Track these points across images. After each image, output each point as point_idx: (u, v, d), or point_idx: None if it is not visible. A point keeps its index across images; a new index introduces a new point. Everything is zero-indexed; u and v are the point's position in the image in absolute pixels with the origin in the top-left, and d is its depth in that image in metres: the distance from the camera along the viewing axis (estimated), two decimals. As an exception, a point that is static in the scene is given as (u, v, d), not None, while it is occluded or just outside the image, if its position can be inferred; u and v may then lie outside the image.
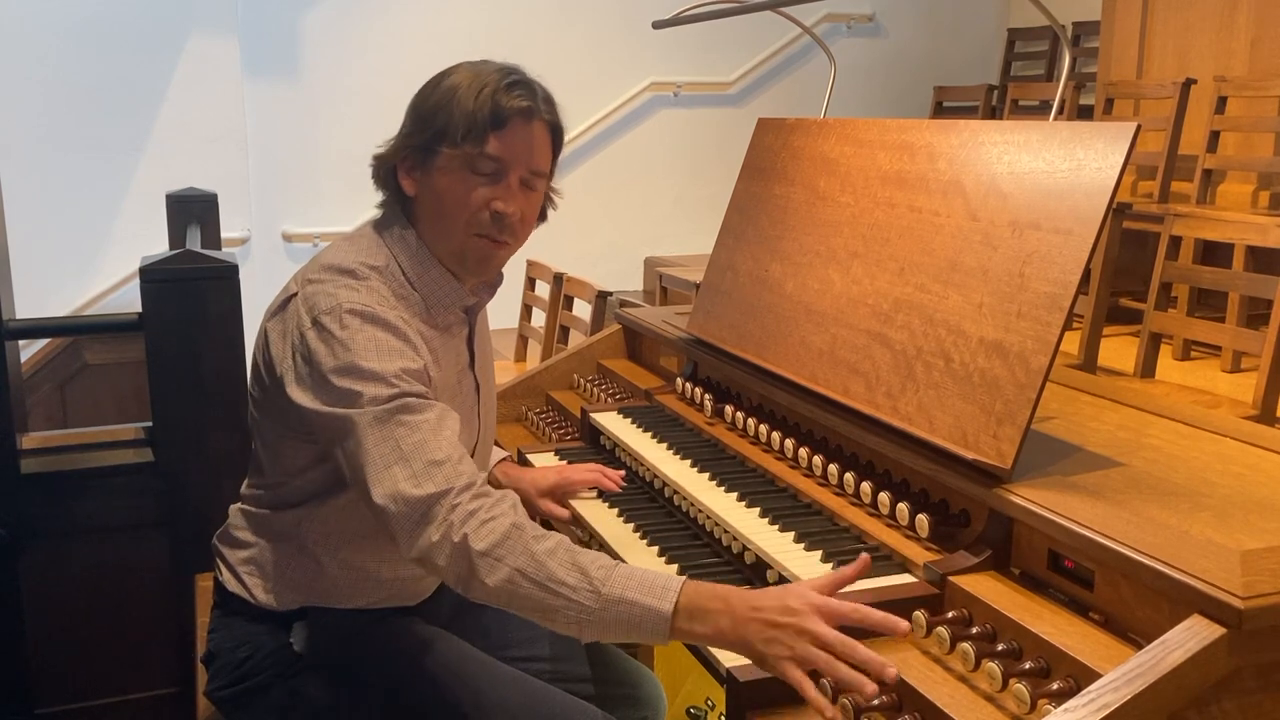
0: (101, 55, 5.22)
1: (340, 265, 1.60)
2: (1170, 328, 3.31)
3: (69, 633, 2.64)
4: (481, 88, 1.59)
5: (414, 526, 1.43)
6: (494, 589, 1.39)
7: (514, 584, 1.38)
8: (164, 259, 2.61)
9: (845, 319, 1.91)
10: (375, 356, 1.51)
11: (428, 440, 1.47)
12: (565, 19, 6.08)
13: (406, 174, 1.64)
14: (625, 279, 6.30)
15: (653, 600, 1.34)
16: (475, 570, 1.39)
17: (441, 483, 1.43)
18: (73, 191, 5.25)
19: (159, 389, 2.59)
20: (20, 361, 2.91)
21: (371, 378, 1.49)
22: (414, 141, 1.62)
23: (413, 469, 1.44)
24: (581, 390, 2.74)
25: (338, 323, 1.52)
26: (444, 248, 1.66)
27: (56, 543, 2.60)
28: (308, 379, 1.53)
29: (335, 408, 1.50)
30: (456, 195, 1.61)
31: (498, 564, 1.38)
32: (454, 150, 1.59)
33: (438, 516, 1.42)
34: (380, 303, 1.56)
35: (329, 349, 1.52)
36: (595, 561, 1.39)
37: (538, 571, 1.37)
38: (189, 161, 5.26)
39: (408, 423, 1.48)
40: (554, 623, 1.39)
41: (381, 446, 1.46)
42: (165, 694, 2.73)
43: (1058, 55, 6.51)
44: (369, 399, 1.48)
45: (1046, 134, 1.64)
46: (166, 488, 2.62)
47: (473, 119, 1.58)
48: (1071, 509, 1.39)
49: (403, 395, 1.49)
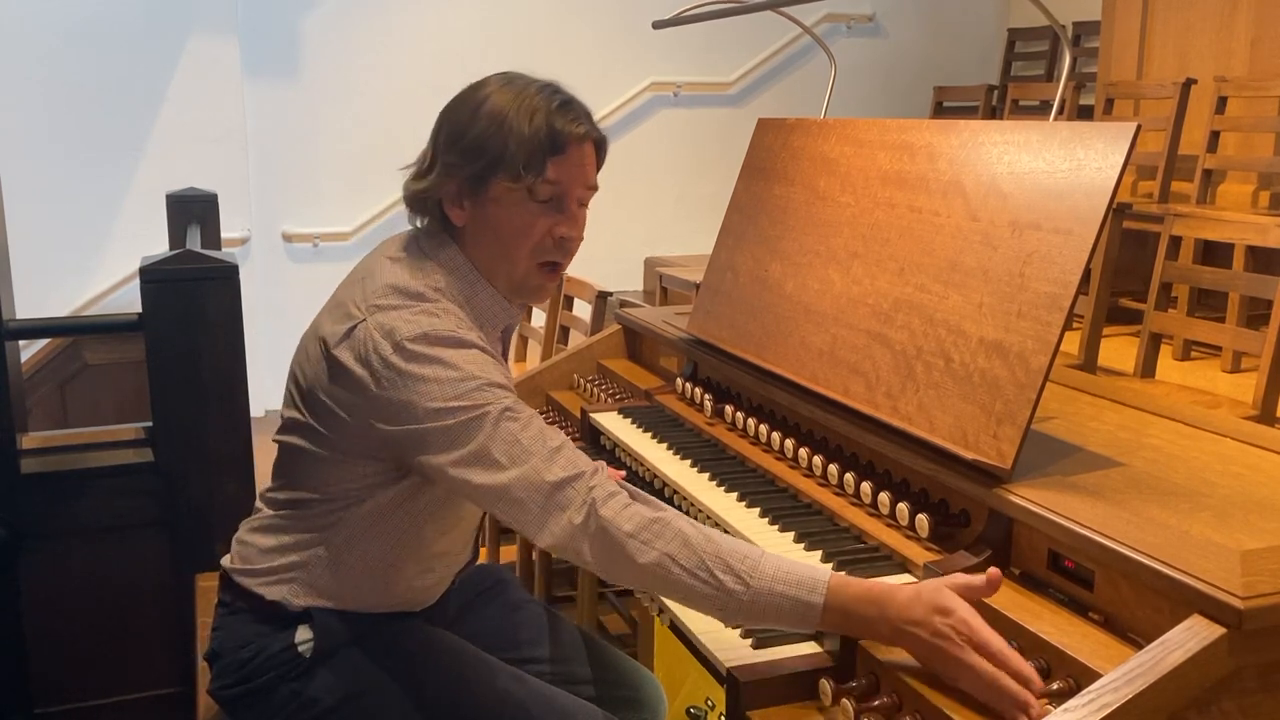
0: (101, 55, 5.22)
1: (406, 288, 1.55)
2: (1170, 328, 3.31)
3: (69, 633, 2.64)
4: (533, 113, 1.55)
5: (552, 511, 1.43)
6: (644, 569, 1.40)
7: (664, 567, 1.39)
8: (164, 259, 2.61)
9: (845, 319, 1.91)
10: (479, 367, 1.50)
11: (544, 431, 1.48)
12: (565, 19, 6.08)
13: (453, 204, 1.60)
14: (625, 279, 6.30)
15: (803, 593, 1.36)
16: (624, 549, 1.40)
17: (570, 468, 1.44)
18: (73, 191, 5.24)
19: (159, 389, 2.59)
20: (20, 361, 2.91)
21: (480, 387, 1.49)
22: (464, 173, 1.56)
23: (539, 459, 1.44)
24: (581, 390, 2.74)
25: (429, 347, 1.49)
26: (504, 277, 1.63)
27: (56, 543, 2.60)
28: (401, 402, 1.49)
29: (448, 421, 1.47)
30: (517, 226, 1.58)
31: (646, 546, 1.39)
32: (513, 183, 1.54)
33: (575, 500, 1.42)
34: (460, 326, 1.54)
35: (431, 370, 1.48)
36: (740, 550, 1.40)
37: (689, 558, 1.38)
38: (189, 161, 5.26)
39: (520, 418, 1.48)
40: (698, 606, 1.41)
41: (502, 445, 1.46)
42: (165, 694, 2.73)
43: (1058, 55, 6.51)
44: (485, 404, 1.47)
45: (1046, 134, 1.64)
46: (166, 488, 2.62)
47: (531, 148, 1.54)
48: (1071, 509, 1.39)
49: (510, 398, 1.50)
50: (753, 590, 1.37)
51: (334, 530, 1.65)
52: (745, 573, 1.37)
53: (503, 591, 1.98)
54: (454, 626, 1.89)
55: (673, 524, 1.41)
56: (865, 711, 1.31)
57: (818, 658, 1.43)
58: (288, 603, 1.67)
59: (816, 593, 1.35)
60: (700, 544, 1.39)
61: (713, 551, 1.39)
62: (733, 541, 1.42)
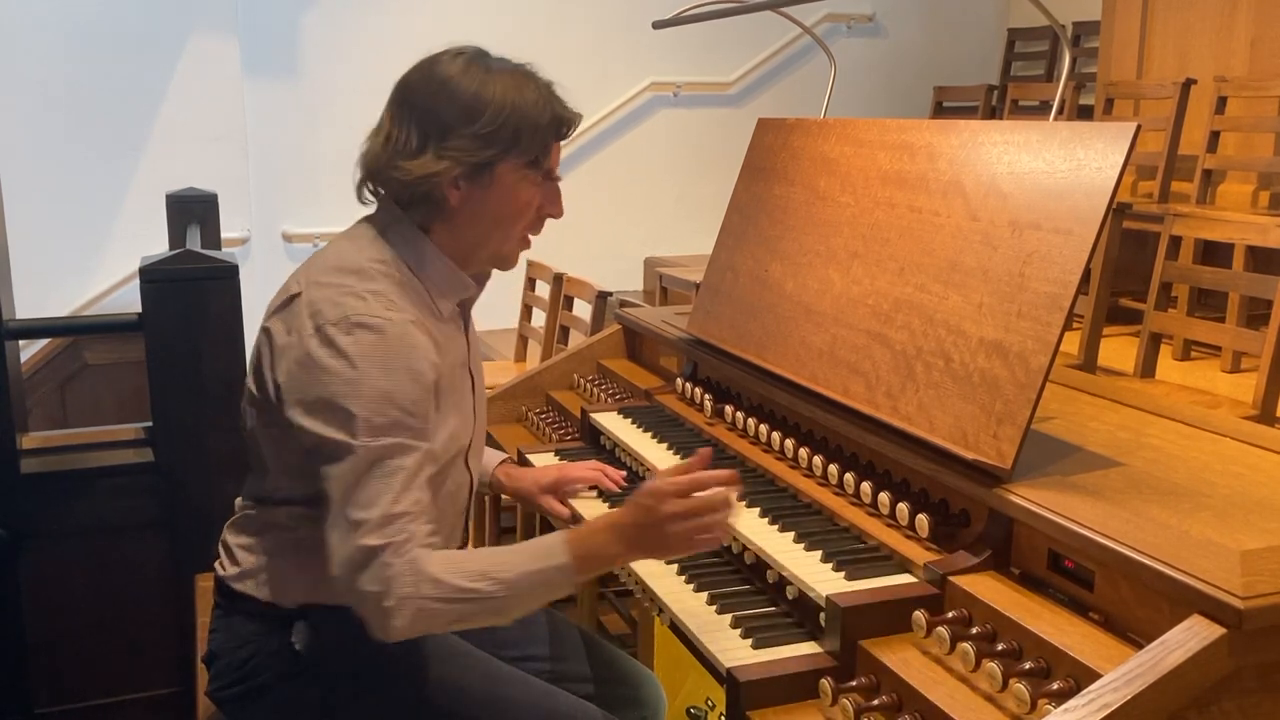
0: (101, 55, 5.21)
1: (347, 265, 1.58)
2: (1170, 328, 3.31)
3: (69, 633, 2.64)
4: (537, 100, 1.62)
5: (353, 571, 1.46)
6: (409, 627, 1.45)
7: (426, 612, 1.44)
8: (164, 259, 2.61)
9: (845, 319, 1.91)
10: (380, 374, 1.50)
11: (393, 492, 1.48)
12: (565, 19, 6.08)
13: (452, 185, 1.61)
14: (625, 279, 6.30)
15: (551, 562, 1.48)
16: (391, 619, 1.44)
17: (387, 536, 1.46)
18: (73, 191, 5.24)
19: (159, 389, 2.59)
20: (20, 361, 2.91)
21: (368, 406, 1.49)
22: (475, 158, 1.58)
23: (370, 517, 1.46)
24: (581, 390, 2.74)
25: (345, 334, 1.51)
26: (489, 251, 1.67)
27: (56, 543, 2.60)
28: (303, 391, 1.52)
29: (326, 430, 1.49)
30: (521, 205, 1.64)
31: (404, 605, 1.44)
32: (529, 167, 1.62)
33: (374, 571, 1.45)
34: (389, 308, 1.54)
35: (333, 364, 1.50)
36: (483, 558, 1.50)
37: (441, 591, 1.45)
38: (189, 161, 5.25)
39: (388, 468, 1.48)
40: (472, 624, 1.51)
41: (352, 485, 1.48)
42: (165, 694, 2.73)
43: (1058, 55, 6.51)
44: (360, 429, 1.48)
45: (1046, 134, 1.64)
46: (166, 488, 2.62)
47: (544, 134, 1.62)
48: (1071, 509, 1.39)
49: (393, 430, 1.49)
50: (510, 584, 1.46)
51: (307, 523, 1.64)
52: (494, 572, 1.47)
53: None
54: (451, 625, 1.89)
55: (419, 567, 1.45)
56: (865, 711, 1.31)
57: (818, 658, 1.44)
58: (280, 601, 1.67)
59: (558, 554, 1.48)
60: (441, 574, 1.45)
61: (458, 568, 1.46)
62: (474, 553, 1.51)
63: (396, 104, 1.63)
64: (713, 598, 1.62)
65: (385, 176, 1.62)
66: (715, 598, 1.62)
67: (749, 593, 1.66)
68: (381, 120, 1.65)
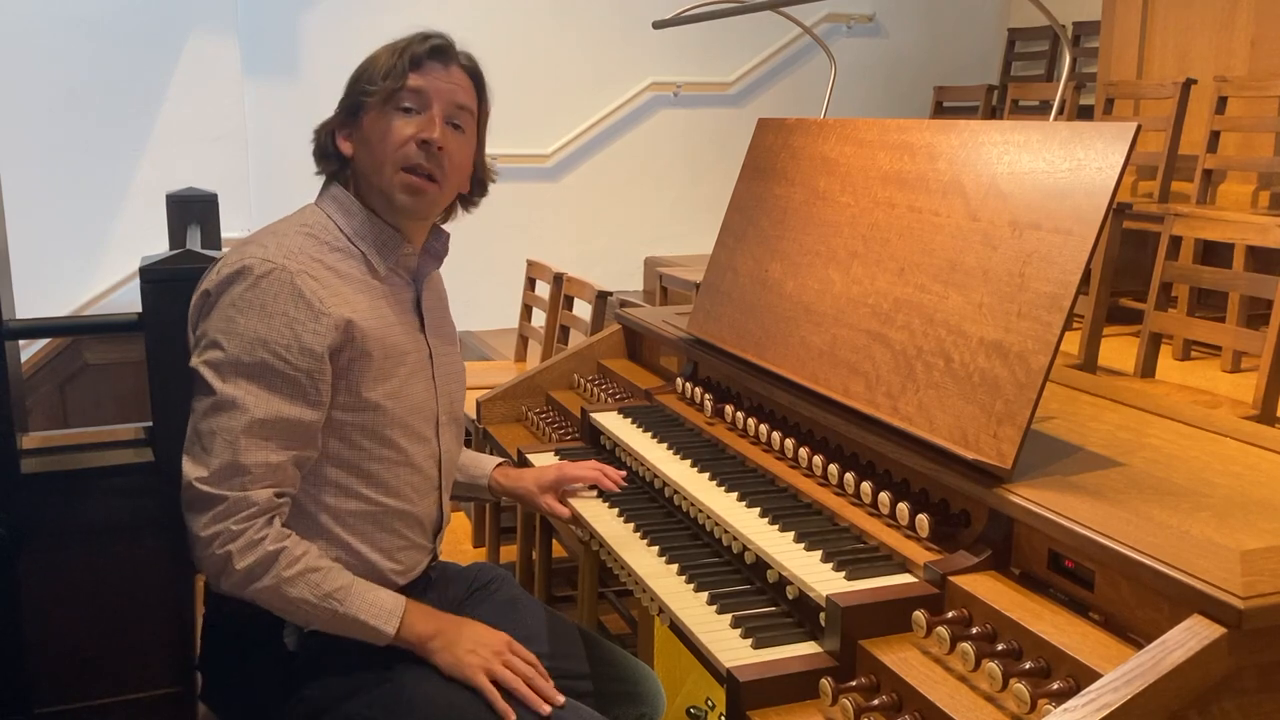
0: (101, 55, 5.21)
1: (268, 228, 1.72)
2: (1170, 328, 3.31)
3: (69, 632, 2.63)
4: (398, 44, 1.75)
5: (198, 514, 1.56)
6: (246, 596, 1.58)
7: (266, 596, 1.58)
8: (164, 259, 2.61)
9: (845, 319, 1.91)
10: (257, 318, 1.57)
11: (248, 439, 1.56)
12: (565, 19, 6.08)
13: (344, 136, 1.74)
14: (625, 279, 6.30)
15: (381, 624, 1.62)
16: (227, 577, 1.56)
17: (237, 488, 1.55)
18: (73, 191, 5.24)
19: (159, 389, 2.58)
20: (20, 361, 2.91)
21: (239, 345, 1.57)
22: (344, 104, 1.74)
23: (213, 464, 1.55)
24: (581, 390, 2.74)
25: (232, 279, 1.60)
26: (377, 194, 1.73)
27: (56, 543, 2.60)
28: (196, 330, 1.63)
29: (198, 363, 1.60)
30: (383, 133, 1.71)
31: (251, 580, 1.56)
32: (375, 88, 1.70)
33: (220, 519, 1.55)
34: (287, 256, 1.62)
35: (219, 303, 1.59)
36: (332, 582, 1.60)
37: (284, 589, 1.57)
38: (189, 161, 5.26)
39: (244, 414, 1.56)
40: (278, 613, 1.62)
41: (206, 421, 1.57)
42: (165, 694, 2.72)
43: (1058, 55, 6.51)
44: (227, 368, 1.57)
45: (1046, 134, 1.64)
46: (166, 488, 2.61)
47: (392, 64, 1.71)
48: (1071, 509, 1.39)
49: (260, 374, 1.57)
50: (335, 618, 1.60)
51: None
52: (337, 600, 1.60)
53: (501, 588, 1.99)
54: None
55: (289, 556, 1.58)
56: (865, 711, 1.31)
57: (818, 658, 1.44)
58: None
59: (390, 624, 1.63)
60: (291, 580, 1.58)
61: (312, 582, 1.59)
62: (324, 574, 1.61)
63: None
64: (713, 597, 1.62)
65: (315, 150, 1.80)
66: (715, 598, 1.62)
67: (749, 592, 1.66)
68: None
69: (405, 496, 1.74)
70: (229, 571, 1.56)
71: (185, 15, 5.34)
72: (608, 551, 1.86)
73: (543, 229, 6.16)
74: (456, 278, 2.21)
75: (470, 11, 5.83)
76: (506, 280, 5.25)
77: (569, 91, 6.11)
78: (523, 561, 3.31)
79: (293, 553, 1.58)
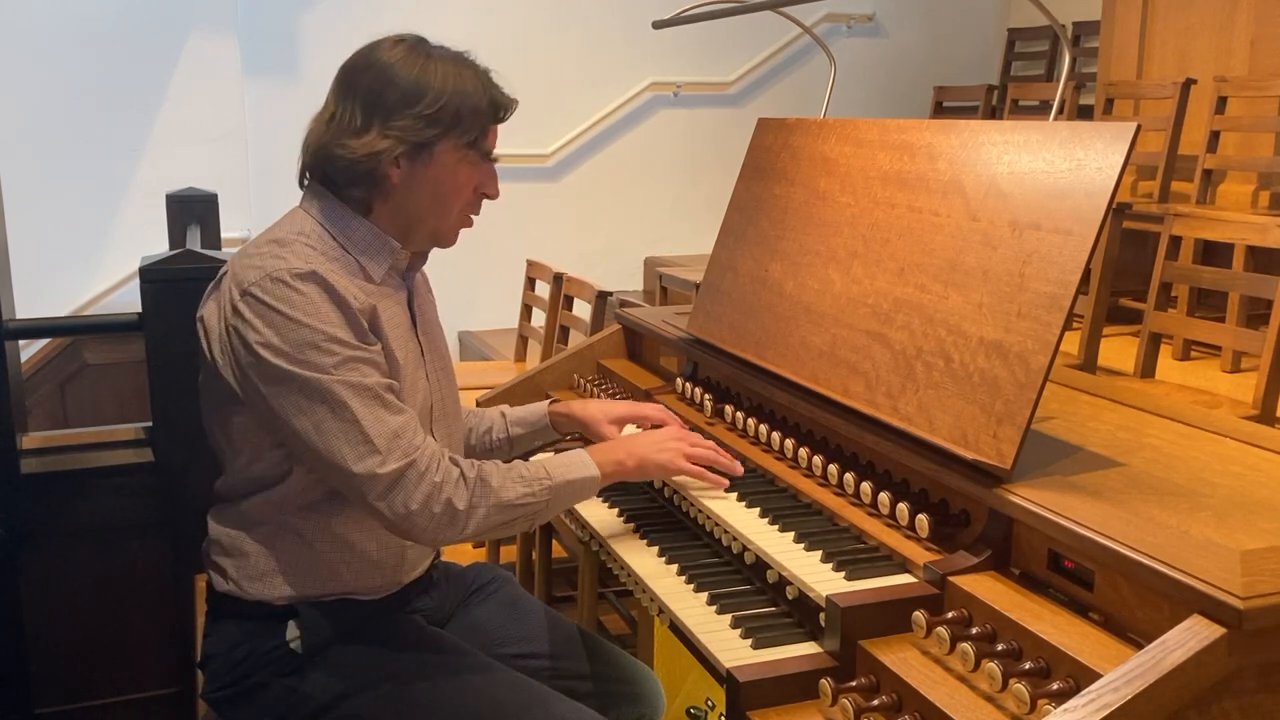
0: (101, 55, 5.21)
1: (266, 238, 1.68)
2: (1170, 328, 3.31)
3: (69, 633, 2.64)
4: (476, 84, 1.70)
5: (400, 494, 1.55)
6: (474, 533, 1.63)
7: (489, 520, 1.62)
8: (164, 259, 2.61)
9: (845, 319, 1.91)
10: (310, 317, 1.56)
11: (376, 414, 1.57)
12: (565, 19, 6.08)
13: (397, 165, 1.67)
14: (625, 279, 6.30)
15: (586, 472, 1.74)
16: (455, 524, 1.60)
17: (410, 450, 1.57)
18: (73, 191, 5.24)
19: (159, 389, 2.59)
20: (20, 361, 2.91)
21: (311, 349, 1.55)
22: (417, 137, 1.65)
23: (379, 444, 1.55)
24: (581, 390, 2.74)
25: (267, 291, 1.57)
26: (429, 228, 1.73)
27: (56, 543, 2.60)
28: (246, 357, 1.57)
29: (279, 387, 1.55)
30: (460, 183, 1.71)
31: (473, 512, 1.61)
32: (469, 147, 1.68)
33: (418, 482, 1.56)
34: (309, 260, 1.61)
35: (264, 320, 1.56)
36: (529, 470, 1.69)
37: (501, 503, 1.63)
38: (189, 161, 5.25)
39: (361, 396, 1.56)
40: (519, 527, 1.70)
41: (334, 427, 1.55)
42: (165, 694, 2.73)
43: (1058, 55, 6.51)
44: (313, 372, 1.55)
45: (1046, 134, 1.64)
46: (166, 488, 2.62)
47: (484, 116, 1.70)
48: (1071, 509, 1.39)
49: (344, 362, 1.56)
50: (554, 489, 1.69)
51: (274, 512, 1.67)
52: (545, 481, 1.69)
53: (501, 589, 1.99)
54: (452, 623, 1.90)
55: (487, 473, 1.64)
56: (865, 711, 1.31)
57: (818, 658, 1.44)
58: (268, 598, 1.67)
59: (588, 460, 1.75)
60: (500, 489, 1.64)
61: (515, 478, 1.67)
62: (519, 466, 1.70)
63: (341, 86, 1.70)
64: (713, 598, 1.62)
65: (328, 154, 1.67)
66: (715, 598, 1.62)
67: (749, 593, 1.66)
68: (326, 102, 1.72)
69: None
70: (458, 517, 1.59)
71: (185, 15, 5.34)
72: (607, 551, 1.86)
73: (543, 229, 6.16)
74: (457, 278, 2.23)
75: (471, 11, 5.83)
76: (506, 280, 5.25)
77: (569, 91, 6.11)
78: (523, 561, 3.31)
79: (485, 467, 1.65)
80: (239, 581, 1.68)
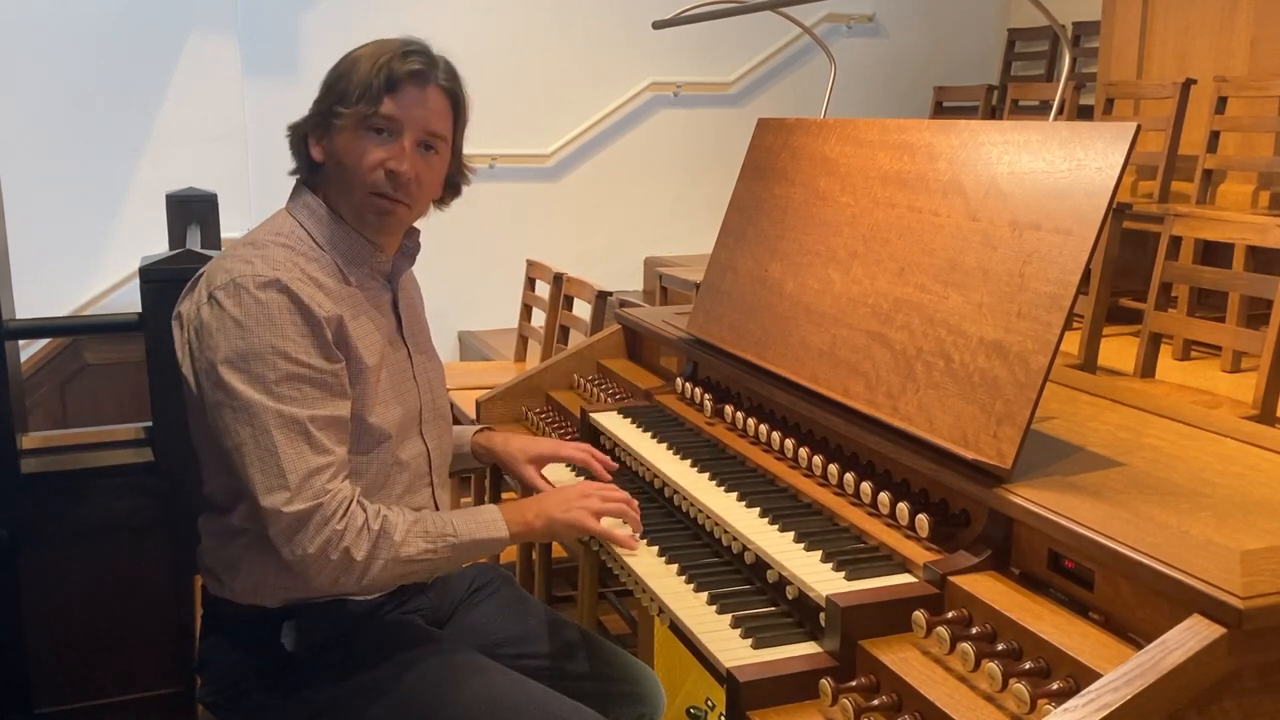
0: (101, 55, 5.21)
1: (246, 240, 1.69)
2: (1170, 328, 3.31)
3: (69, 633, 2.64)
4: (379, 56, 1.68)
5: (300, 534, 1.54)
6: (369, 584, 1.62)
7: (387, 571, 1.61)
8: (164, 259, 2.61)
9: (845, 319, 1.91)
10: (262, 326, 1.56)
11: (304, 450, 1.55)
12: (565, 19, 6.08)
13: (316, 142, 1.72)
14: (625, 279, 6.30)
15: (495, 533, 1.71)
16: (350, 573, 1.58)
17: (320, 493, 1.55)
18: (73, 191, 5.24)
19: (159, 389, 2.59)
20: (20, 361, 2.91)
21: (261, 363, 1.55)
22: (319, 108, 1.70)
23: (290, 481, 1.53)
24: (581, 390, 2.74)
25: (230, 297, 1.57)
26: (346, 208, 1.72)
27: (57, 543, 2.60)
28: (202, 359, 1.58)
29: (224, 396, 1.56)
30: (353, 155, 1.68)
31: (371, 564, 1.59)
32: (349, 110, 1.66)
33: (322, 527, 1.55)
34: (275, 268, 1.60)
35: (218, 325, 1.56)
36: (435, 525, 1.66)
37: (399, 558, 1.61)
38: (189, 161, 5.25)
39: (294, 426, 1.55)
40: (419, 577, 1.70)
41: (260, 450, 1.54)
42: (165, 694, 2.73)
43: (1058, 55, 6.51)
44: (256, 389, 1.54)
45: (1046, 134, 1.64)
46: (166, 488, 2.62)
47: (368, 83, 1.66)
48: (1071, 509, 1.39)
49: (290, 383, 1.56)
50: (458, 548, 1.67)
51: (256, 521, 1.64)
52: (450, 538, 1.66)
53: (501, 589, 1.99)
54: (451, 623, 1.90)
55: (390, 525, 1.62)
56: (865, 711, 1.31)
57: (818, 658, 1.44)
58: (262, 602, 1.67)
59: (499, 520, 1.71)
60: (402, 544, 1.62)
61: (419, 533, 1.64)
62: (426, 519, 1.67)
63: None
64: (713, 598, 1.62)
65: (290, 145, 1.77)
66: (715, 598, 1.62)
67: (749, 593, 1.66)
68: None
69: (398, 496, 1.74)
70: (353, 567, 1.57)
71: (185, 15, 5.34)
72: (607, 551, 1.86)
73: (543, 229, 6.16)
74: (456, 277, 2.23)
75: (470, 12, 5.82)
76: (506, 280, 5.25)
77: (569, 91, 6.11)
78: (523, 561, 3.31)
79: (390, 519, 1.62)
80: (232, 588, 1.68)
